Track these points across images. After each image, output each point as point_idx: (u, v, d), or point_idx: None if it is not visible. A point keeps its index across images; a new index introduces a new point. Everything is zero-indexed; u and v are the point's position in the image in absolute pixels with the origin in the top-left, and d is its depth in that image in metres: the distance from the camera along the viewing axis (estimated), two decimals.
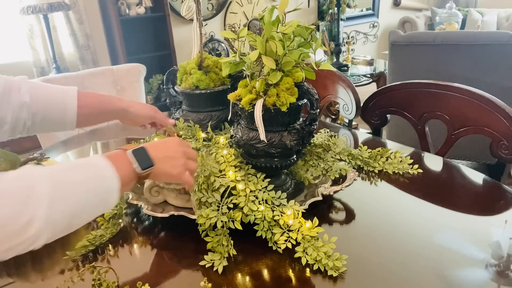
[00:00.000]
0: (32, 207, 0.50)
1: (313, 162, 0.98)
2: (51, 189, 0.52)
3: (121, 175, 0.61)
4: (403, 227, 0.84)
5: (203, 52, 1.02)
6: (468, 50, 2.11)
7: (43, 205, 0.50)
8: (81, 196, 0.56)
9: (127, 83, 1.98)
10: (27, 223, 0.50)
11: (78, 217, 0.57)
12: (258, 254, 0.76)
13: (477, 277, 0.68)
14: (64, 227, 0.55)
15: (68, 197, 0.54)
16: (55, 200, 0.52)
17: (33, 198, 0.50)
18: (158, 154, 0.67)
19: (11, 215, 0.49)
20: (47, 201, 0.51)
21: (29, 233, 0.50)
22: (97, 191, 0.58)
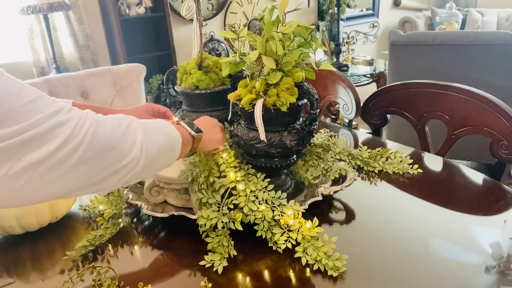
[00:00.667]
0: (133, 133, 0.61)
1: (313, 162, 0.98)
2: (142, 126, 0.63)
3: (182, 135, 0.73)
4: (403, 227, 0.84)
5: (203, 52, 1.02)
6: (468, 50, 2.11)
7: (140, 133, 0.61)
8: (161, 137, 0.66)
9: (127, 83, 1.98)
10: (132, 144, 0.60)
11: (160, 156, 0.66)
12: (258, 254, 0.76)
13: (477, 277, 0.68)
14: (153, 157, 0.63)
15: (154, 134, 0.65)
16: (146, 133, 0.63)
17: (132, 127, 0.61)
18: (204, 127, 0.80)
19: (121, 136, 0.59)
20: (142, 132, 0.62)
21: (134, 152, 0.59)
22: (170, 139, 0.69)
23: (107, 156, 0.57)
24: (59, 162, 0.52)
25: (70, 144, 0.52)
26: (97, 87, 1.93)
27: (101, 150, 0.56)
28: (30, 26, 2.54)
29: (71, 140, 0.53)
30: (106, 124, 0.58)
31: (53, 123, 0.52)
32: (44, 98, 0.54)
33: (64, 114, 0.54)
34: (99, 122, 0.57)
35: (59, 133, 0.52)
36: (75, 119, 0.54)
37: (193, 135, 0.76)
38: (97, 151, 0.55)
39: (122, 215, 0.91)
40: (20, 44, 2.59)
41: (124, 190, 0.96)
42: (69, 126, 0.53)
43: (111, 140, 0.57)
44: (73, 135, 0.53)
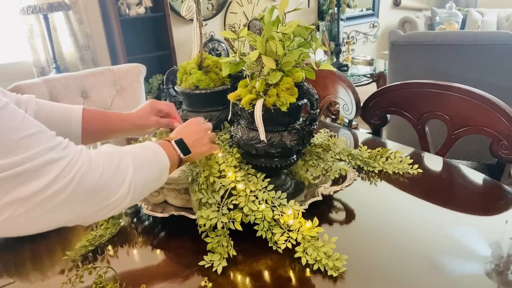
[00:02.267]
0: (123, 171, 0.61)
1: (313, 162, 0.97)
2: (133, 160, 0.64)
3: (170, 158, 0.73)
4: (403, 227, 0.84)
5: (203, 52, 1.02)
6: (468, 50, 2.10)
7: (130, 170, 0.62)
8: (150, 168, 0.68)
9: (127, 83, 1.98)
10: (121, 183, 0.60)
11: (148, 186, 0.68)
12: (258, 254, 0.76)
13: (477, 277, 0.68)
14: (139, 192, 0.65)
15: (144, 167, 0.66)
16: (137, 168, 0.63)
17: (123, 165, 0.62)
18: (190, 141, 0.79)
19: (110, 177, 0.59)
20: (132, 168, 0.62)
21: (121, 192, 0.60)
22: (158, 166, 0.70)
23: (95, 196, 0.57)
24: (45, 200, 0.52)
25: (59, 183, 0.52)
26: (97, 87, 1.93)
27: (89, 190, 0.56)
28: (30, 26, 2.54)
29: (61, 179, 0.53)
30: (97, 163, 0.58)
31: (46, 159, 0.52)
32: (42, 133, 0.54)
33: (59, 152, 0.54)
34: (91, 161, 0.57)
35: (49, 170, 0.52)
36: (68, 158, 0.54)
37: (182, 158, 0.76)
38: (85, 191, 0.55)
39: (122, 215, 0.91)
40: (20, 44, 2.59)
41: None
42: (61, 164, 0.53)
43: (100, 181, 0.57)
44: (63, 174, 0.53)
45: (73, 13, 2.62)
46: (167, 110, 1.00)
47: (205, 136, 0.84)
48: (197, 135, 0.82)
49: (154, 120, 0.99)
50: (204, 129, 0.85)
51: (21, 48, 2.60)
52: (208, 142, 0.84)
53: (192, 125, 0.84)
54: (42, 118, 0.85)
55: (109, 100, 1.94)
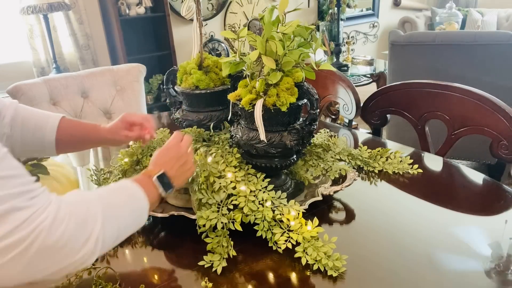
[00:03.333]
0: (90, 226, 0.55)
1: (313, 162, 0.98)
2: (102, 211, 0.58)
3: (149, 197, 0.68)
4: (403, 227, 0.84)
5: (203, 52, 1.02)
6: (468, 50, 2.10)
7: (98, 225, 0.56)
8: (124, 216, 0.63)
9: (127, 83, 1.98)
10: (86, 241, 0.54)
11: (121, 234, 0.63)
12: (258, 254, 0.76)
13: (477, 277, 0.68)
14: (111, 244, 0.60)
15: (116, 216, 0.61)
16: (106, 220, 0.58)
17: (89, 219, 0.56)
18: (173, 171, 0.74)
19: (73, 234, 0.53)
20: (101, 222, 0.57)
21: (85, 249, 0.54)
22: (134, 211, 0.65)
23: (54, 255, 0.51)
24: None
25: (15, 235, 0.48)
26: (97, 87, 1.93)
27: (48, 248, 0.50)
28: (30, 26, 2.54)
29: (18, 232, 0.48)
30: (62, 219, 0.52)
31: (7, 207, 0.48)
32: (15, 178, 0.50)
33: (24, 200, 0.50)
34: (56, 216, 0.52)
35: (8, 220, 0.48)
36: (32, 209, 0.50)
37: (163, 196, 0.72)
38: (43, 249, 0.50)
39: None
40: (20, 44, 2.59)
41: None
42: (22, 214, 0.49)
43: (62, 239, 0.51)
44: (22, 227, 0.48)
45: (73, 13, 2.62)
46: (140, 122, 0.96)
47: (187, 158, 0.78)
48: (179, 161, 0.76)
49: (123, 135, 0.95)
50: (184, 150, 0.79)
51: (21, 48, 2.60)
52: (191, 163, 0.79)
53: (171, 151, 0.77)
54: (17, 125, 0.85)
55: (109, 100, 1.94)
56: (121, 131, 0.95)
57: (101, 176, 1.02)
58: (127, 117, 0.96)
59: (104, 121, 1.92)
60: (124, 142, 0.98)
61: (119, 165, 1.00)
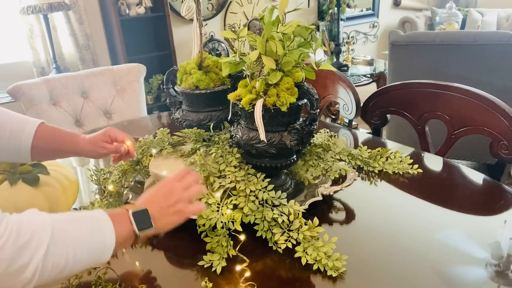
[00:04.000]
0: (30, 253, 0.51)
1: (313, 162, 0.97)
2: (51, 239, 0.53)
3: (119, 234, 0.61)
4: (403, 227, 0.84)
5: (203, 52, 1.02)
6: (468, 50, 2.10)
7: (40, 253, 0.52)
8: (77, 249, 0.56)
9: (127, 83, 1.98)
10: (24, 266, 0.51)
11: (69, 267, 0.56)
12: (258, 254, 0.76)
13: (477, 277, 0.68)
14: (52, 276, 0.55)
15: (66, 248, 0.55)
16: (53, 250, 0.53)
17: (33, 243, 0.52)
18: (155, 208, 0.67)
19: (10, 256, 0.50)
20: (45, 250, 0.52)
21: (22, 277, 0.51)
22: (92, 246, 0.59)
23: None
24: None
25: None
26: (97, 87, 1.93)
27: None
28: (30, 26, 2.54)
29: None
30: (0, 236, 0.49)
31: None
32: None
33: None
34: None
35: None
36: None
37: (137, 234, 0.64)
38: None
39: None
40: (20, 44, 2.59)
41: (124, 190, 0.96)
42: None
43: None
44: None
45: (73, 13, 2.62)
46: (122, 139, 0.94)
47: (178, 200, 0.69)
48: (168, 199, 0.69)
49: (101, 146, 0.92)
50: (179, 189, 0.70)
51: (21, 48, 2.60)
52: (182, 208, 0.70)
53: (165, 187, 0.71)
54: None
55: (109, 100, 1.94)
56: (101, 143, 0.92)
57: (101, 176, 1.02)
58: (110, 132, 0.94)
59: (104, 121, 1.92)
60: (102, 156, 0.95)
61: (118, 165, 1.00)
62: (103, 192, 0.97)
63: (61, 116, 1.82)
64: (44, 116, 1.75)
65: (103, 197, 0.94)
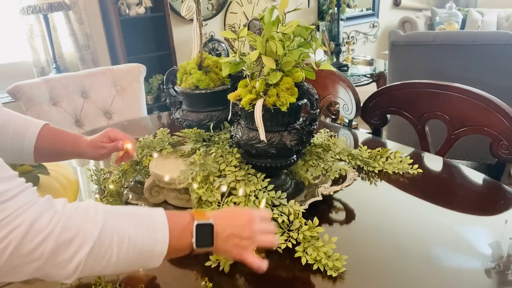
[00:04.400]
0: (75, 248, 0.50)
1: (313, 162, 0.97)
2: (99, 236, 0.52)
3: (174, 243, 0.58)
4: (403, 227, 0.84)
5: (203, 52, 1.02)
6: (468, 50, 2.10)
7: (84, 250, 0.51)
8: (124, 250, 0.54)
9: (127, 83, 1.98)
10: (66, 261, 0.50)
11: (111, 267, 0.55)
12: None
13: (477, 277, 0.68)
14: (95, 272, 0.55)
15: (112, 247, 0.53)
16: (98, 248, 0.52)
17: (78, 239, 0.51)
18: (225, 231, 0.63)
19: (53, 250, 0.49)
20: (90, 247, 0.51)
21: (63, 271, 0.51)
22: (143, 249, 0.56)
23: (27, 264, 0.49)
24: None
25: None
26: (97, 87, 1.93)
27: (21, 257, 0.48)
28: (30, 26, 2.54)
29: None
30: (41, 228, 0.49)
31: None
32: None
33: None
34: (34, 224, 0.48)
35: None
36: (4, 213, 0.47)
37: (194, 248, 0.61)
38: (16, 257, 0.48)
39: None
40: (20, 44, 2.59)
41: (124, 190, 0.96)
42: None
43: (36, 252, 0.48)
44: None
45: (73, 13, 2.62)
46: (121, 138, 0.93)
47: (247, 238, 0.64)
48: (239, 230, 0.63)
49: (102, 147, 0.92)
50: (254, 229, 0.64)
51: (21, 48, 2.60)
52: (245, 248, 0.64)
53: (243, 216, 0.65)
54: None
55: (109, 100, 1.94)
56: (100, 143, 0.92)
57: (101, 176, 1.02)
58: (110, 132, 0.93)
59: (104, 121, 1.92)
60: (103, 156, 0.94)
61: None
62: (103, 192, 0.97)
63: (61, 116, 1.82)
64: (44, 116, 1.76)
65: (103, 197, 0.94)
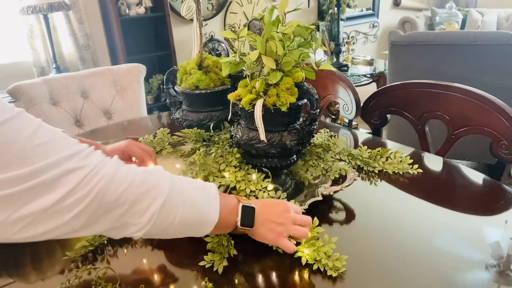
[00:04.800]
0: (151, 198, 0.56)
1: (313, 162, 0.98)
2: (169, 192, 0.58)
3: (222, 217, 0.65)
4: (403, 227, 0.84)
5: (203, 52, 1.02)
6: (468, 50, 2.11)
7: (159, 201, 0.57)
8: (187, 210, 0.61)
9: (127, 83, 1.98)
10: (143, 210, 0.56)
11: (175, 226, 0.60)
12: (258, 254, 0.76)
13: (477, 277, 0.68)
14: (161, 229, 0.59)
15: (178, 205, 0.60)
16: (169, 202, 0.58)
17: (153, 191, 0.57)
18: (262, 215, 0.70)
19: (134, 198, 0.55)
20: (163, 200, 0.57)
21: (140, 219, 0.56)
22: (200, 213, 0.63)
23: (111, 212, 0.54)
24: (61, 212, 0.50)
25: (74, 195, 0.50)
26: (97, 87, 1.93)
27: (109, 203, 0.53)
28: (30, 26, 2.54)
29: (77, 191, 0.50)
30: (122, 179, 0.54)
31: (61, 170, 0.49)
32: (59, 140, 0.51)
33: (78, 161, 0.51)
34: (114, 176, 0.54)
35: (66, 181, 0.49)
36: (87, 168, 0.51)
37: (238, 227, 0.69)
38: (104, 205, 0.53)
39: None
40: (20, 44, 2.59)
41: None
42: (78, 175, 0.50)
43: (121, 197, 0.54)
44: (81, 186, 0.50)
45: (73, 13, 2.63)
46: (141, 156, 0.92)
47: (283, 224, 0.70)
48: (275, 217, 0.70)
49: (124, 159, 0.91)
50: (290, 217, 0.71)
51: (21, 48, 2.60)
52: (281, 233, 0.70)
53: (280, 206, 0.72)
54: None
55: (109, 100, 1.94)
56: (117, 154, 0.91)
57: None
58: (128, 150, 0.91)
59: (104, 121, 1.92)
60: None
61: None
62: None
63: (61, 116, 1.82)
64: (44, 116, 1.76)
65: None
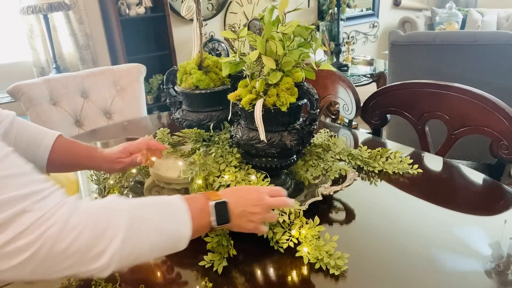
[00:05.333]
0: (107, 240, 0.52)
1: (313, 162, 0.98)
2: (127, 226, 0.54)
3: (196, 224, 0.62)
4: (403, 227, 0.84)
5: (203, 52, 1.02)
6: (468, 50, 2.11)
7: (117, 241, 0.52)
8: (153, 237, 0.57)
9: (127, 83, 1.98)
10: (99, 254, 0.51)
11: (145, 255, 0.58)
12: (258, 254, 0.76)
13: (477, 277, 0.68)
14: (130, 262, 0.56)
15: (142, 236, 0.55)
16: (129, 237, 0.54)
17: (109, 231, 0.52)
18: (238, 207, 0.67)
19: (87, 244, 0.50)
20: (122, 238, 0.53)
21: (98, 264, 0.52)
22: (169, 234, 0.59)
23: (64, 261, 0.50)
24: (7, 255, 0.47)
25: (22, 240, 0.47)
26: (97, 87, 1.93)
27: (57, 255, 0.49)
28: (30, 26, 2.54)
29: (24, 236, 0.47)
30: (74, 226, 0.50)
31: (16, 210, 0.47)
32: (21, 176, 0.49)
33: (32, 203, 0.48)
34: (67, 223, 0.49)
35: (17, 223, 0.47)
36: (39, 212, 0.48)
37: (213, 227, 0.66)
38: (53, 255, 0.49)
39: None
40: (20, 44, 2.59)
41: (124, 191, 0.96)
42: (28, 218, 0.47)
43: (71, 248, 0.49)
44: (29, 231, 0.47)
45: (73, 13, 2.62)
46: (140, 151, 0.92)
47: (259, 213, 0.68)
48: (250, 206, 0.68)
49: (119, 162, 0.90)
50: (264, 205, 0.69)
51: (21, 48, 2.60)
52: (258, 221, 0.69)
53: (252, 193, 0.70)
54: (10, 138, 0.81)
55: (109, 100, 1.94)
56: (117, 159, 0.90)
57: (101, 176, 1.02)
58: (128, 148, 0.91)
59: (104, 121, 1.92)
60: (118, 170, 0.93)
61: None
62: (102, 192, 0.97)
63: (61, 116, 1.82)
64: (44, 116, 1.75)
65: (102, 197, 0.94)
